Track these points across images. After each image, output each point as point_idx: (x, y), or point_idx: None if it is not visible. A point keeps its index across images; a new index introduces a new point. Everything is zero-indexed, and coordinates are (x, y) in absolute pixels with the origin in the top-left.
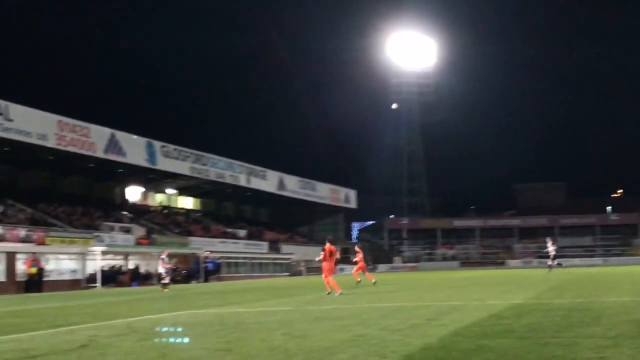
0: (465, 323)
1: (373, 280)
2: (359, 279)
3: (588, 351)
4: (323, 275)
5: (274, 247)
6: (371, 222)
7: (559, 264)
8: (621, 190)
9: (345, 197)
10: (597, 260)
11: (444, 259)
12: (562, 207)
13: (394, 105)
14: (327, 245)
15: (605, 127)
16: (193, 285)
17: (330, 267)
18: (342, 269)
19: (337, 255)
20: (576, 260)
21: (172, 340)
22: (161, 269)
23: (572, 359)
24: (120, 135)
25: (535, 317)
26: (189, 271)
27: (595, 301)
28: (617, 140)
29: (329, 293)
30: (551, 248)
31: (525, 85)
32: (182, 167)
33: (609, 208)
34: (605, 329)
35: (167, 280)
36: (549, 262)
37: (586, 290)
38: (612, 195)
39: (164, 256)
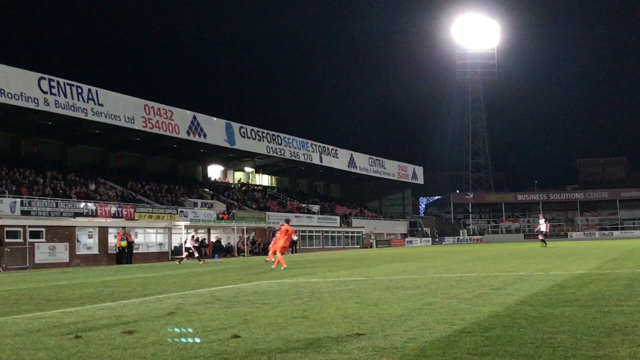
0: (530, 292)
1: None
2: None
3: None
4: (272, 250)
5: (345, 221)
6: (438, 197)
7: (543, 241)
8: None
9: (413, 173)
10: None
11: (508, 231)
12: (623, 181)
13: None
14: (285, 226)
15: None
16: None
17: (284, 245)
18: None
19: (294, 237)
20: (637, 232)
21: (252, 307)
22: (189, 245)
23: (634, 327)
24: (201, 118)
25: (598, 286)
26: (267, 244)
27: None
28: None
29: (267, 261)
30: (543, 225)
31: (586, 62)
32: (258, 146)
33: None
34: None
35: (196, 254)
36: (540, 236)
37: None
38: None
39: (193, 234)
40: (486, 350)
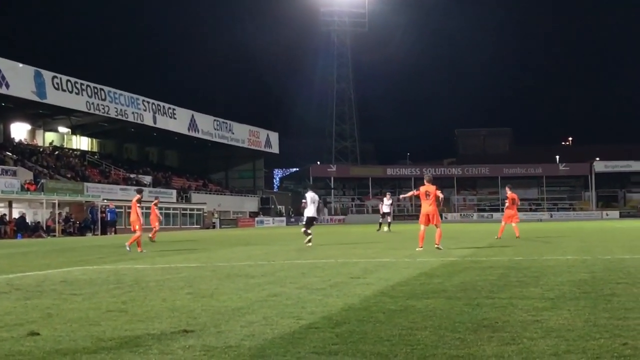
0: (393, 282)
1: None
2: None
3: (523, 313)
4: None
5: (184, 196)
6: (295, 169)
7: (381, 224)
8: (571, 139)
9: (266, 140)
10: (544, 214)
11: (375, 211)
12: (507, 155)
13: None
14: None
15: (555, 69)
16: (88, 238)
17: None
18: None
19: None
20: (520, 215)
21: (58, 299)
22: None
23: (505, 322)
24: (3, 63)
25: (470, 275)
26: (84, 222)
27: (537, 259)
28: (568, 84)
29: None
30: (387, 205)
31: (471, 22)
32: (76, 101)
33: (557, 157)
34: (544, 290)
35: None
36: (381, 219)
37: (528, 248)
38: (562, 144)
39: None
40: (335, 348)
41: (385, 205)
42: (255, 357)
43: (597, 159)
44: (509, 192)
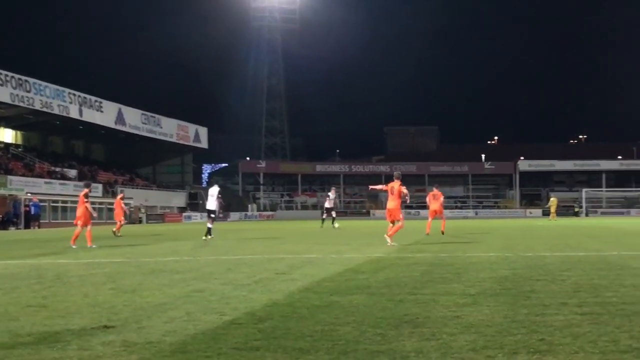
0: (318, 278)
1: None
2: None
3: (444, 309)
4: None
5: (110, 190)
6: (224, 164)
7: (323, 220)
8: (497, 138)
9: (195, 135)
10: (469, 212)
11: (304, 207)
12: (434, 153)
13: None
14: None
15: (482, 70)
16: (11, 232)
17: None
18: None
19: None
20: (447, 212)
21: None
22: None
23: (426, 318)
24: None
25: (394, 272)
26: (7, 215)
27: (460, 256)
28: (495, 84)
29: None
30: (331, 200)
31: (401, 20)
32: (0, 93)
33: (483, 156)
34: (466, 286)
35: None
36: (325, 215)
37: (452, 245)
38: (488, 142)
39: None
40: (257, 344)
41: (330, 201)
42: (176, 353)
43: (522, 158)
44: (434, 190)
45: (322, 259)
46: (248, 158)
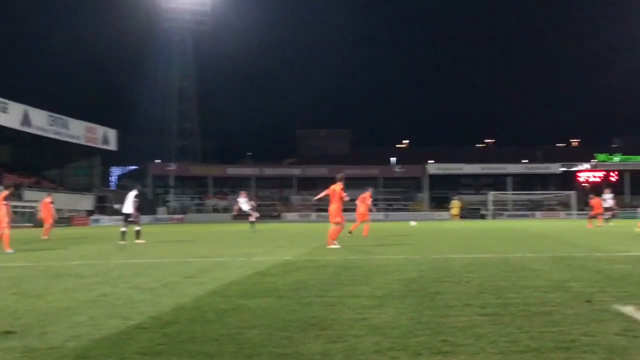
0: (226, 281)
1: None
2: None
3: (351, 311)
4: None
5: (17, 193)
6: (133, 167)
7: (252, 223)
8: (407, 141)
9: (104, 137)
10: (379, 215)
11: (215, 210)
12: (346, 156)
13: None
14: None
15: (393, 75)
16: None
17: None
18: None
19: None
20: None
21: None
22: None
23: (333, 320)
24: None
25: (303, 274)
26: None
27: (370, 259)
28: (406, 88)
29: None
30: (244, 203)
31: (311, 25)
32: None
33: (393, 159)
34: (373, 288)
35: None
36: (252, 218)
37: (362, 247)
38: (397, 146)
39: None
40: (161, 349)
41: (244, 204)
42: (78, 358)
43: (432, 161)
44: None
45: (231, 262)
46: (159, 160)
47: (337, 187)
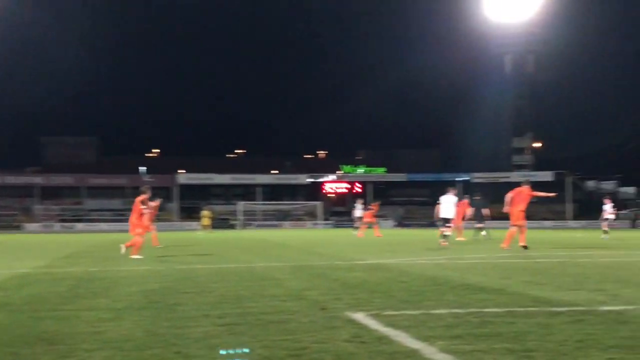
0: None
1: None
2: None
3: (86, 325)
4: None
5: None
6: None
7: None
8: (158, 150)
9: None
10: (125, 225)
11: None
12: (94, 165)
13: None
14: None
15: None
16: None
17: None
18: None
19: None
20: (104, 225)
21: None
22: None
23: (66, 334)
24: None
25: (40, 288)
26: None
27: (112, 270)
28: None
29: None
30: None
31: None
32: None
33: (142, 168)
34: (112, 301)
35: None
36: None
37: (103, 259)
38: (148, 155)
39: None
40: None
41: None
42: None
43: (183, 171)
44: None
45: None
46: None
47: (139, 198)
